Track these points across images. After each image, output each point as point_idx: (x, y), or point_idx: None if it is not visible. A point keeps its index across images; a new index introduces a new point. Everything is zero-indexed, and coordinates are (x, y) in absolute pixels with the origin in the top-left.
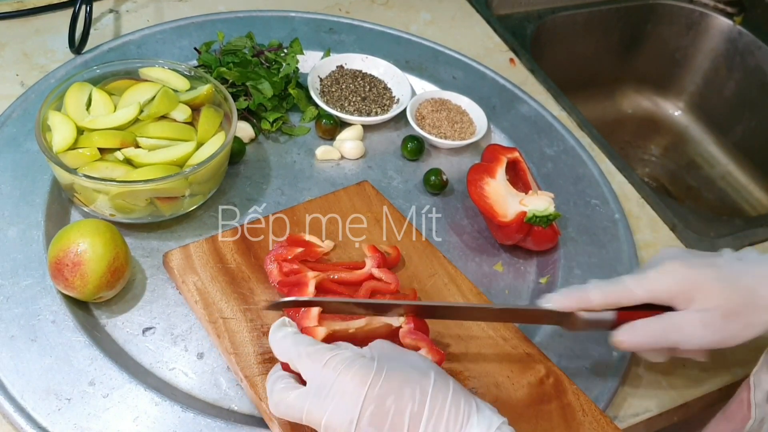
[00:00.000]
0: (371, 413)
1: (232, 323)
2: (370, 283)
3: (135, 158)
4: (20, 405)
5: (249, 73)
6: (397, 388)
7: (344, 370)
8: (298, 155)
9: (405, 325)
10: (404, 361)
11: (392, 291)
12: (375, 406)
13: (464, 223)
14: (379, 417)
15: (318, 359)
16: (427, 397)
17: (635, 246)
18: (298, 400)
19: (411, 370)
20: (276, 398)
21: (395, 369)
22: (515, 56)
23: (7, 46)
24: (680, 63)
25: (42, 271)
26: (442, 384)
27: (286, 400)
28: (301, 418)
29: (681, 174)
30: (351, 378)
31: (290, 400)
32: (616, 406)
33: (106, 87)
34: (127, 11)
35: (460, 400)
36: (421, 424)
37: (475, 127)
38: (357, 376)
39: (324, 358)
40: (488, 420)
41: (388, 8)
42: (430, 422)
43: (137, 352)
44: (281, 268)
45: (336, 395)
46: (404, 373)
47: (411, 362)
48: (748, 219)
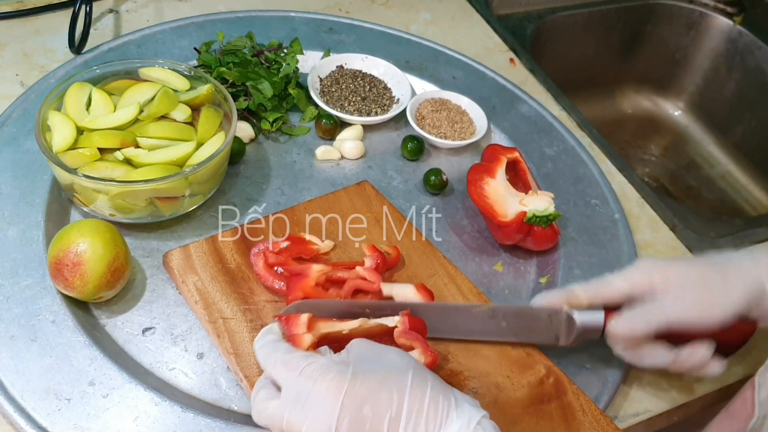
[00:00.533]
0: (349, 421)
1: (232, 323)
2: (353, 282)
3: (135, 158)
4: (20, 405)
5: (249, 73)
6: (374, 393)
7: (320, 378)
8: (298, 155)
9: (401, 325)
10: (381, 362)
11: (374, 291)
12: (352, 413)
13: (464, 223)
14: (358, 424)
15: (293, 368)
16: (405, 398)
17: (635, 246)
18: (278, 410)
19: (388, 372)
20: (257, 408)
21: (371, 372)
22: (515, 56)
23: (7, 46)
24: (680, 63)
25: (42, 271)
26: (419, 382)
27: (267, 410)
28: (282, 428)
29: (681, 174)
30: (326, 387)
31: (270, 411)
32: (616, 406)
33: (106, 87)
34: (127, 11)
35: (438, 398)
36: (400, 426)
37: (475, 127)
38: (332, 384)
39: (299, 366)
40: (468, 415)
41: (388, 8)
42: (409, 424)
43: (137, 352)
44: (267, 260)
45: (313, 405)
46: (381, 376)
47: (389, 362)
48: (748, 219)
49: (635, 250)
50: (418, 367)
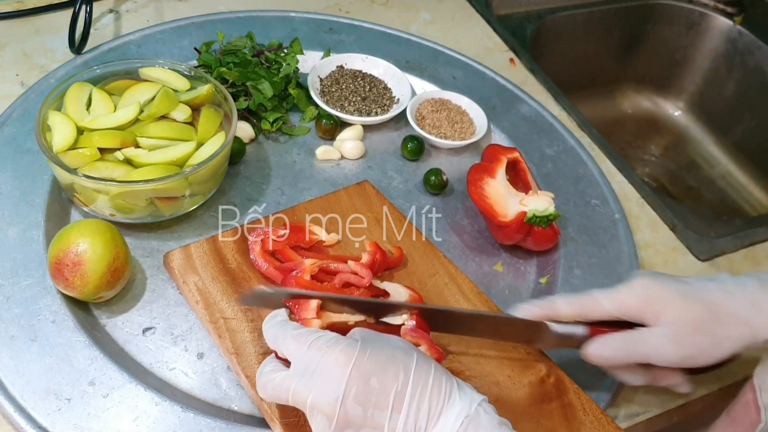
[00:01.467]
0: (356, 392)
1: (233, 323)
2: (344, 275)
3: (135, 158)
4: (20, 405)
5: (249, 73)
6: (382, 366)
7: (328, 350)
8: (298, 155)
9: (408, 323)
10: (387, 342)
11: (363, 286)
12: (360, 384)
13: (464, 223)
14: (364, 395)
15: (303, 341)
16: (410, 375)
17: (635, 246)
18: (285, 380)
19: (394, 350)
20: (263, 380)
21: (379, 348)
22: (515, 56)
23: (7, 46)
24: (680, 63)
25: (42, 271)
26: (424, 363)
27: (273, 381)
28: (287, 398)
29: (681, 174)
30: (335, 357)
31: (277, 381)
32: (617, 405)
33: (106, 87)
34: (127, 11)
35: (441, 378)
36: (405, 400)
37: (475, 127)
38: (341, 356)
39: (308, 339)
40: (469, 397)
41: (388, 8)
42: (414, 399)
43: (137, 352)
44: (264, 245)
45: (321, 375)
46: (388, 352)
47: (394, 343)
48: (748, 219)
49: (635, 250)
50: (422, 352)
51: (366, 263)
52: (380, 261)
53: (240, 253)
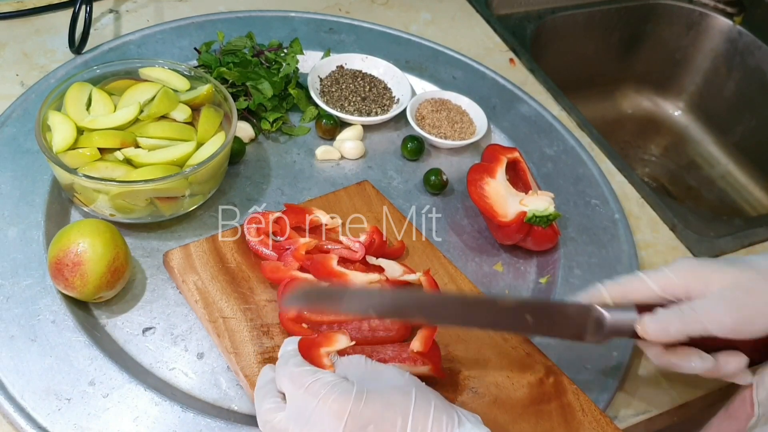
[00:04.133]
0: None
1: (233, 323)
2: (338, 251)
3: (135, 158)
4: (20, 405)
5: (249, 73)
6: (378, 413)
7: (325, 395)
8: (298, 155)
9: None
10: (384, 381)
11: (356, 260)
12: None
13: (464, 223)
14: None
15: (300, 383)
16: (409, 419)
17: (635, 246)
18: (282, 423)
19: (391, 392)
20: (263, 418)
21: (376, 393)
22: (515, 56)
23: (7, 46)
24: (680, 63)
25: (42, 271)
26: (423, 403)
27: (272, 422)
28: None
29: (681, 174)
30: (330, 404)
31: (275, 423)
32: (616, 406)
33: (106, 87)
34: (127, 11)
35: (442, 418)
36: None
37: (475, 127)
38: (337, 403)
39: (306, 382)
40: None
41: (388, 8)
42: None
43: (137, 352)
44: (258, 232)
45: (317, 422)
46: (384, 396)
47: (391, 382)
48: (748, 219)
49: (635, 250)
50: (420, 386)
51: (362, 242)
52: (378, 244)
53: (240, 252)
